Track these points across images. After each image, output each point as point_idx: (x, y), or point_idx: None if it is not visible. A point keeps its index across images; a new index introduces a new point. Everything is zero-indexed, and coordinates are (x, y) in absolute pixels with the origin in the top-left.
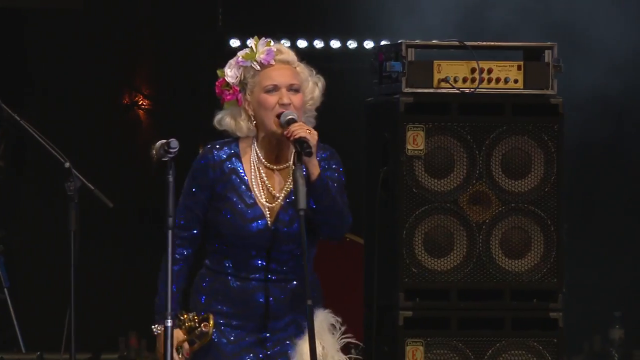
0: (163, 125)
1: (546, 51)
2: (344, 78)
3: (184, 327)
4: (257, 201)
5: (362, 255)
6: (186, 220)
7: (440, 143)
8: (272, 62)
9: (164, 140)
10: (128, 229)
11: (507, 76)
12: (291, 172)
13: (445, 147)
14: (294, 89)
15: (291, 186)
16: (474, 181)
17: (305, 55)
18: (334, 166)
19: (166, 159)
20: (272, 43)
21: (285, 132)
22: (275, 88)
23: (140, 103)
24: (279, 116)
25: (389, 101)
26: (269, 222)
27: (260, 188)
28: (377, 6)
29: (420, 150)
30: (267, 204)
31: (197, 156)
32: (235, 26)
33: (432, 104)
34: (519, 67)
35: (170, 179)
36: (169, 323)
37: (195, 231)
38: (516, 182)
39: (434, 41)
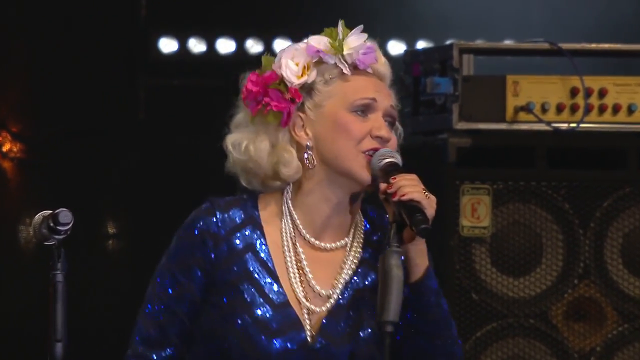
0: (46, 186)
1: None
2: None
3: None
4: (292, 300)
5: None
6: (159, 331)
7: (517, 216)
8: (369, 70)
9: (48, 212)
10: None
11: (633, 102)
12: (352, 256)
13: (527, 224)
14: (391, 119)
15: (346, 277)
16: (576, 281)
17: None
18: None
19: (52, 243)
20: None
21: (385, 187)
22: (368, 108)
23: (6, 149)
24: (368, 154)
25: (431, 144)
26: (309, 338)
27: (298, 279)
28: None
29: (484, 228)
30: (309, 306)
31: (187, 219)
32: (166, 20)
33: (504, 149)
34: None
35: (59, 277)
36: None
37: (170, 350)
38: None
39: (506, 42)
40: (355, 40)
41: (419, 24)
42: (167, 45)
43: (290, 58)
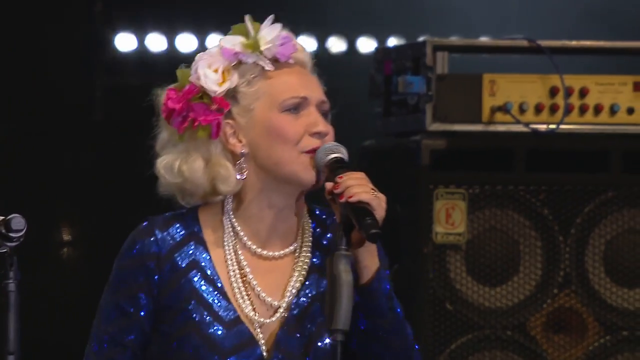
0: None
1: None
2: None
3: None
4: (242, 316)
5: None
6: None
7: (494, 222)
8: (291, 61)
9: (0, 218)
10: None
11: (615, 102)
12: (301, 262)
13: (504, 230)
14: (324, 111)
15: (297, 286)
16: (556, 291)
17: None
18: (380, 256)
19: (3, 250)
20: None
21: (331, 186)
22: (300, 105)
23: None
24: (310, 152)
25: (403, 146)
26: (264, 354)
27: (244, 294)
28: None
29: (460, 235)
30: (260, 321)
31: (124, 243)
32: (124, 15)
33: (480, 151)
34: (636, 86)
35: (11, 286)
36: None
37: None
38: (631, 293)
39: (482, 38)
40: (270, 33)
41: (390, 19)
42: (125, 42)
43: (207, 66)
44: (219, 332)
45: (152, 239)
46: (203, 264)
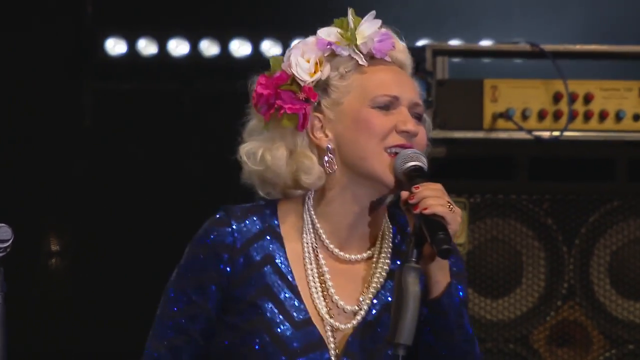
0: None
1: None
2: None
3: None
4: (314, 317)
5: None
6: (170, 351)
7: (496, 232)
8: (388, 58)
9: None
10: None
11: (621, 108)
12: (380, 268)
13: (506, 240)
14: (417, 114)
15: (373, 292)
16: (559, 303)
17: (241, 67)
18: (458, 271)
19: None
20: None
21: (407, 196)
22: (391, 104)
23: None
24: (392, 153)
25: None
26: (333, 358)
27: (320, 294)
28: None
29: (460, 245)
30: (332, 323)
31: (199, 230)
32: (114, 18)
33: (481, 159)
34: None
35: None
36: None
37: None
38: (637, 305)
39: (483, 43)
40: (369, 28)
41: (388, 23)
42: (115, 46)
43: (300, 55)
44: (288, 333)
45: (228, 230)
46: (278, 259)
